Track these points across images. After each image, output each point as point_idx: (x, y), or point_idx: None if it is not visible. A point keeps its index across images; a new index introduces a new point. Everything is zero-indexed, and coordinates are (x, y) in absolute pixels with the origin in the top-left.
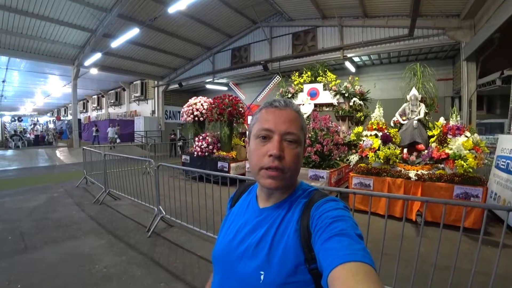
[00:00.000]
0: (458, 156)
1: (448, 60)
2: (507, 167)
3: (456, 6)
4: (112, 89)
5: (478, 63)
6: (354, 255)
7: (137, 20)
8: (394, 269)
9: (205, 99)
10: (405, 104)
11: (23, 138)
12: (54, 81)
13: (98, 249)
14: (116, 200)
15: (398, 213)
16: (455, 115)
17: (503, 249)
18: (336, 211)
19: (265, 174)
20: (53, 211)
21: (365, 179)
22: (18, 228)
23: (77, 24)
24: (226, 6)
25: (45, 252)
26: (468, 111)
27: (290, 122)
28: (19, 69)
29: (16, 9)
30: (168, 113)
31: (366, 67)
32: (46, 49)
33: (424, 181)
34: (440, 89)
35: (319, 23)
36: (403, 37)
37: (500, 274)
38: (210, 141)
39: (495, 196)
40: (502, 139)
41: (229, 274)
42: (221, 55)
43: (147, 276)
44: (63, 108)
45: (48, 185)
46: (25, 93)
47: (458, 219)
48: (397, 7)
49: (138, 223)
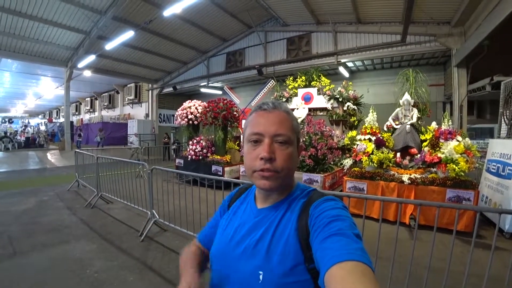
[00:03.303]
0: (450, 160)
1: (439, 66)
2: (497, 171)
3: (447, 13)
4: (106, 91)
5: (469, 69)
6: (351, 254)
7: (132, 22)
8: (388, 273)
9: (200, 103)
10: (398, 109)
11: (13, 140)
12: (47, 82)
13: (89, 254)
14: (109, 203)
15: (392, 217)
16: (447, 120)
17: (495, 251)
18: (334, 211)
19: (259, 176)
20: (43, 214)
21: (359, 183)
22: (6, 232)
23: (71, 26)
24: (222, 10)
25: (34, 257)
26: (459, 116)
27: (279, 124)
28: (11, 70)
29: (9, 9)
30: (162, 116)
31: (359, 72)
32: (39, 50)
33: (417, 185)
34: (432, 94)
35: (314, 29)
36: (395, 43)
37: (492, 275)
38: (204, 145)
39: (486, 199)
40: (493, 143)
41: (227, 274)
42: (216, 59)
43: (140, 281)
44: (55, 110)
45: (39, 188)
46: (16, 95)
47: (451, 222)
48: (390, 14)
49: (130, 227)
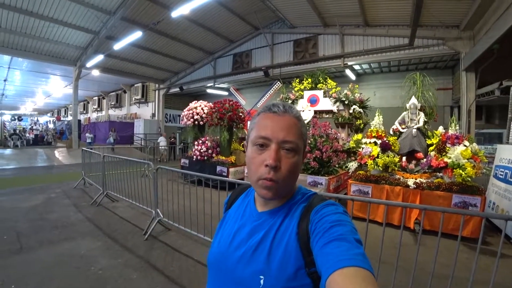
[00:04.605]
0: (456, 165)
1: (447, 70)
2: (505, 177)
3: (456, 17)
4: (113, 91)
5: (477, 74)
6: (352, 260)
7: (140, 23)
8: (392, 278)
9: (206, 103)
10: (405, 112)
11: (22, 137)
12: (56, 81)
13: (94, 251)
14: (114, 202)
15: (396, 221)
16: (454, 124)
17: (501, 259)
18: (335, 216)
19: (262, 185)
20: (50, 211)
21: (364, 186)
22: (14, 228)
23: (80, 26)
24: (229, 12)
25: (41, 253)
26: (467, 121)
27: (288, 130)
28: (21, 68)
29: (21, 9)
30: (168, 116)
31: (366, 75)
32: (48, 49)
33: (423, 190)
34: (439, 98)
35: (321, 31)
36: (403, 47)
37: (498, 283)
38: (210, 145)
39: (493, 205)
40: (501, 149)
41: (226, 279)
42: (223, 60)
43: (143, 279)
44: (64, 108)
45: (46, 185)
46: (26, 93)
47: (456, 228)
48: (398, 17)
49: (135, 226)
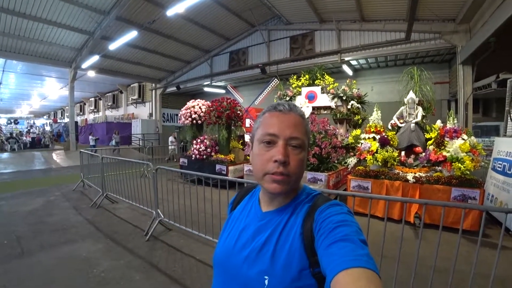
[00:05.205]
0: (455, 159)
1: (444, 64)
2: (503, 170)
3: (452, 10)
4: (109, 91)
5: (474, 67)
6: (358, 260)
7: (136, 22)
8: (393, 272)
9: (203, 102)
10: (403, 107)
11: (19, 140)
12: (51, 83)
13: (95, 253)
14: (114, 203)
15: (397, 216)
16: (452, 118)
17: (502, 251)
18: (340, 216)
19: (270, 179)
20: (49, 214)
21: (363, 182)
22: (14, 232)
23: (74, 27)
24: (225, 9)
25: (42, 256)
26: (465, 114)
27: (294, 127)
28: (16, 71)
29: (13, 11)
30: (165, 116)
31: (363, 71)
32: (43, 51)
33: (422, 184)
34: (437, 92)
35: (317, 27)
36: (400, 41)
37: (499, 276)
38: (208, 144)
39: (492, 198)
40: (498, 141)
41: (231, 279)
42: (219, 58)
43: (146, 280)
44: (60, 110)
45: (45, 189)
46: (21, 96)
47: (456, 221)
48: (394, 12)
49: (136, 227)
